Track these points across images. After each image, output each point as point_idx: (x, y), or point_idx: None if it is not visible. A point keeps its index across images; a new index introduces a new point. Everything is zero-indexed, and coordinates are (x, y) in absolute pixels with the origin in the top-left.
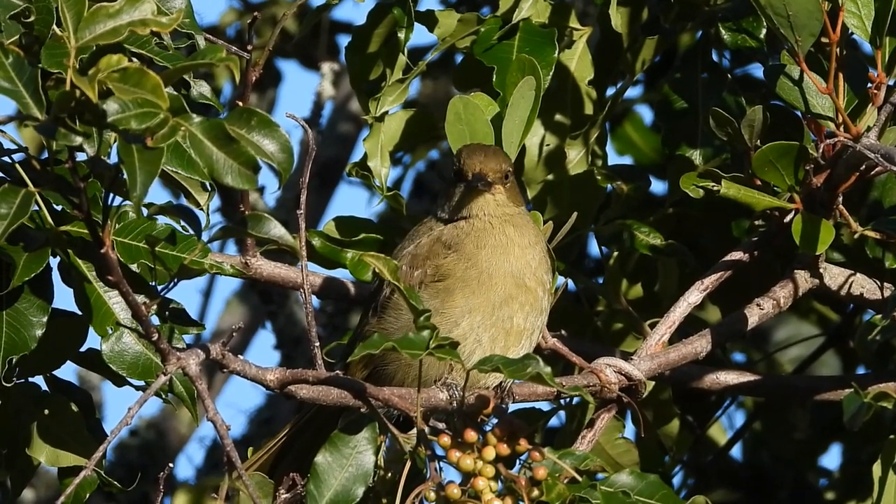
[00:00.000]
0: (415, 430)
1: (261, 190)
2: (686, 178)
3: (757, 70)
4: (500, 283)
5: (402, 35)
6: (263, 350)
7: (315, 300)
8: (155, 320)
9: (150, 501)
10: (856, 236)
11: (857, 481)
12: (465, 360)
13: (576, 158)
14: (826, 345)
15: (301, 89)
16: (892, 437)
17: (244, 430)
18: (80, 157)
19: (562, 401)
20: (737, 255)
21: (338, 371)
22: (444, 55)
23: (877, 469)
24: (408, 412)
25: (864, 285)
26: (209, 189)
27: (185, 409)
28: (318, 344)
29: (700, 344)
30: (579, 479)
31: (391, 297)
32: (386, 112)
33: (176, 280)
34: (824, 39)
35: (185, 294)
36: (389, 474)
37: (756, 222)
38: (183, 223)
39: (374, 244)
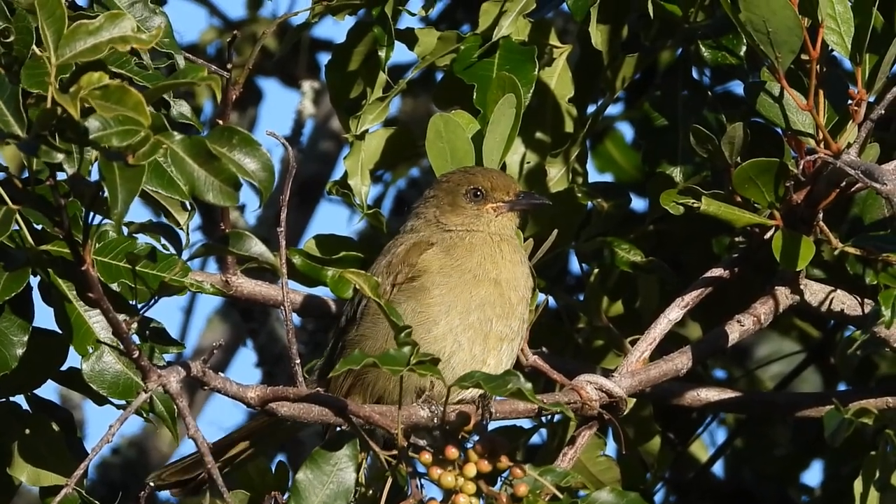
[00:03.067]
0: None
1: (241, 208)
2: (666, 195)
3: (737, 87)
4: (483, 286)
5: (382, 53)
6: (244, 368)
7: (296, 318)
8: (135, 339)
9: None
10: (836, 252)
11: (839, 497)
12: (444, 361)
13: (556, 176)
14: (807, 361)
15: (281, 107)
16: (872, 453)
17: None
18: (61, 175)
19: (543, 418)
20: (717, 272)
21: (318, 388)
22: (424, 73)
23: (858, 485)
24: (389, 430)
25: (844, 301)
26: (189, 208)
27: (166, 427)
28: (298, 361)
29: (681, 361)
30: (560, 496)
31: (367, 303)
32: (366, 130)
33: (156, 298)
34: (804, 56)
35: (166, 312)
36: (370, 491)
37: (736, 239)
38: (163, 241)
39: (354, 262)
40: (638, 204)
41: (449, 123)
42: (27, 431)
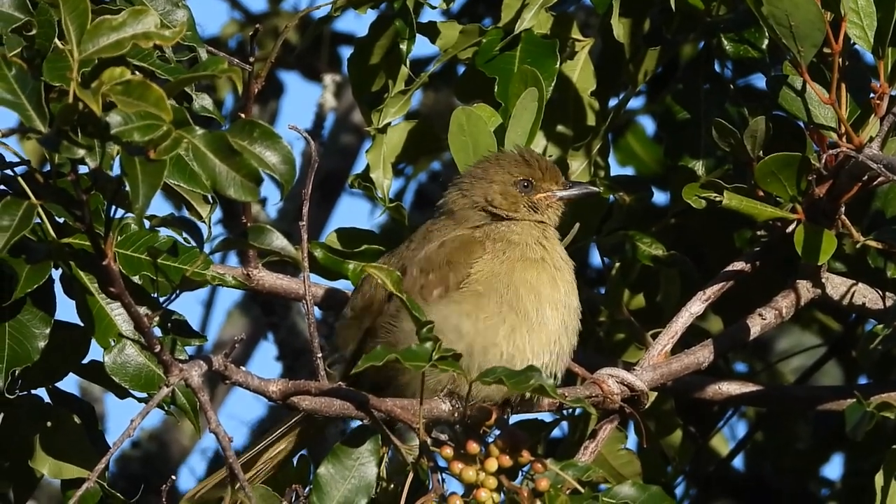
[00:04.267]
0: (417, 442)
1: (263, 201)
2: (688, 188)
3: (759, 81)
4: (534, 267)
5: (403, 46)
6: (265, 361)
7: (317, 311)
8: (157, 332)
9: None
10: (858, 246)
11: (860, 491)
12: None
13: (578, 169)
14: (828, 355)
15: (303, 101)
16: (894, 446)
17: (246, 441)
18: (83, 169)
19: (564, 412)
20: (739, 266)
21: (340, 382)
22: (446, 66)
23: (879, 479)
24: (410, 424)
25: (865, 295)
26: (211, 201)
27: (188, 420)
28: (320, 355)
29: (702, 354)
30: (581, 490)
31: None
32: (388, 123)
33: (178, 292)
34: (826, 50)
35: (187, 306)
36: (392, 486)
37: (758, 233)
38: (185, 235)
39: (376, 255)
40: (660, 198)
41: (471, 117)
42: (48, 425)
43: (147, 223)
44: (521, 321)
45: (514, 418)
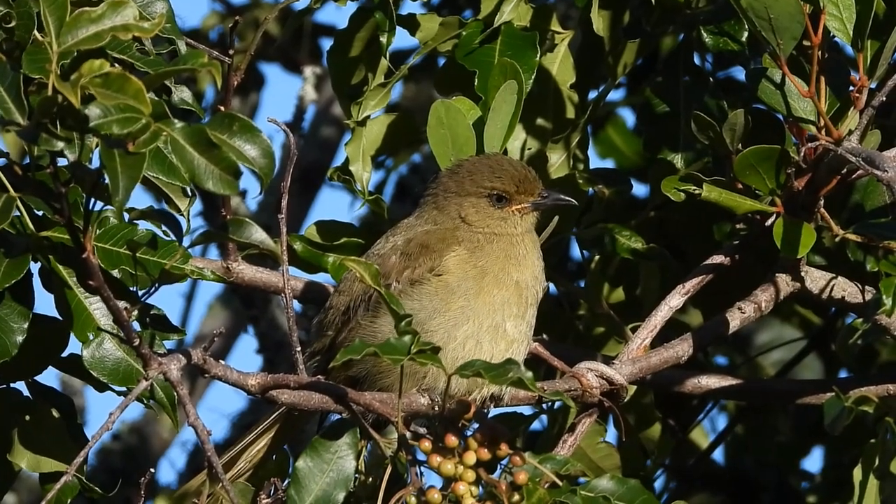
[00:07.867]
0: (395, 435)
1: (243, 194)
2: (668, 181)
3: (739, 73)
4: (505, 287)
5: (383, 39)
6: (246, 354)
7: (297, 304)
8: (136, 326)
9: None
10: (837, 239)
11: (839, 485)
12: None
13: (557, 162)
14: (808, 348)
15: (283, 93)
16: (872, 440)
17: (226, 434)
18: (62, 162)
19: (543, 405)
20: (718, 259)
21: (319, 377)
22: (426, 59)
23: (857, 472)
24: (388, 417)
25: (845, 289)
26: (190, 194)
27: (167, 414)
28: (299, 348)
29: (682, 348)
30: (560, 483)
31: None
32: (368, 116)
33: (157, 285)
34: (806, 42)
35: (167, 298)
36: (370, 479)
37: (738, 226)
38: (164, 228)
39: (355, 248)
40: (639, 190)
41: (450, 110)
42: (27, 418)
43: (126, 216)
44: (483, 327)
45: (492, 412)
